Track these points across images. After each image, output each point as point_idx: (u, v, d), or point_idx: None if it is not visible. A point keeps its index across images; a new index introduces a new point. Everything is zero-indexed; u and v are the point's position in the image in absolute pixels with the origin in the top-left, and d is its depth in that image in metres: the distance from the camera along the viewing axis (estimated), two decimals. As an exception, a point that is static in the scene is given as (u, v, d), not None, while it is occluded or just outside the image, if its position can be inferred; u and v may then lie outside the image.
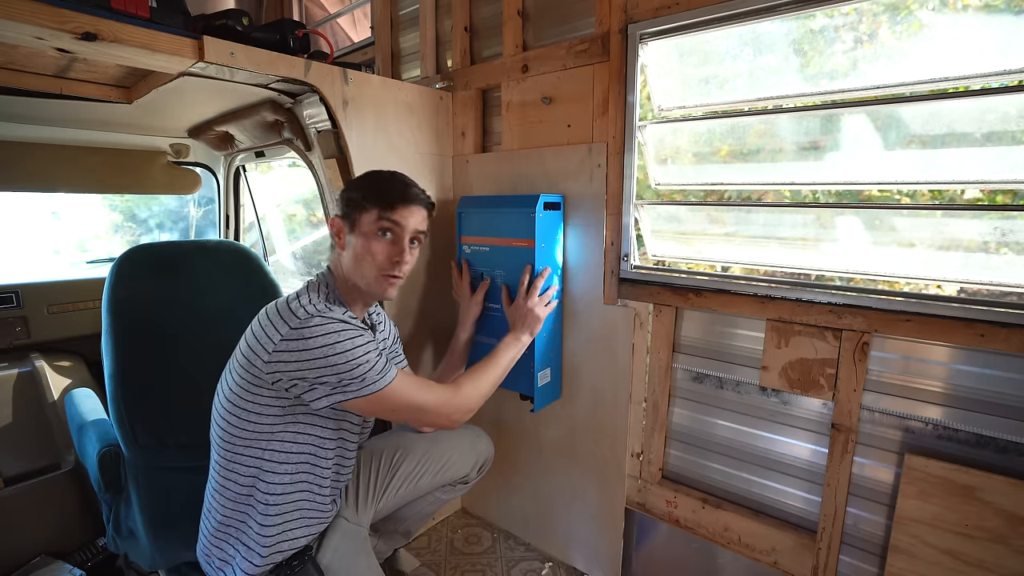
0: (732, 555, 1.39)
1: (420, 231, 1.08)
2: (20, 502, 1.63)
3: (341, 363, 0.93)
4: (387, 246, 1.04)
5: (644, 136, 1.40)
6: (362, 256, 1.03)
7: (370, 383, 0.96)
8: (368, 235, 1.03)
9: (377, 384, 0.97)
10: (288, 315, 0.95)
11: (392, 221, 1.03)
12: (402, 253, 1.04)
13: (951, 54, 1.00)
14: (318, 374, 0.93)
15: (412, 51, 1.95)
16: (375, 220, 1.03)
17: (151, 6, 1.07)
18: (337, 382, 0.94)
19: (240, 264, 1.60)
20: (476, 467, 1.44)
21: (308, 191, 3.22)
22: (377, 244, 1.03)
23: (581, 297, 1.54)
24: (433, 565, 1.71)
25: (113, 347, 1.32)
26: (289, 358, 0.93)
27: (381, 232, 1.04)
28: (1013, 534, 0.97)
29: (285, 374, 0.94)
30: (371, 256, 1.03)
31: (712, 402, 1.40)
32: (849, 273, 1.21)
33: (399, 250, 1.04)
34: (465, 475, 1.41)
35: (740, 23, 1.20)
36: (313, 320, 0.94)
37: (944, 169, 1.05)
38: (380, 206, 1.03)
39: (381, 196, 1.04)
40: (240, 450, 1.01)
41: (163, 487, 1.29)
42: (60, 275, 2.09)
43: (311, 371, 0.93)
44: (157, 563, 1.27)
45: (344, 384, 0.95)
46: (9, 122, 1.78)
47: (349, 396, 0.96)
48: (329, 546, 1.11)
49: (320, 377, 0.94)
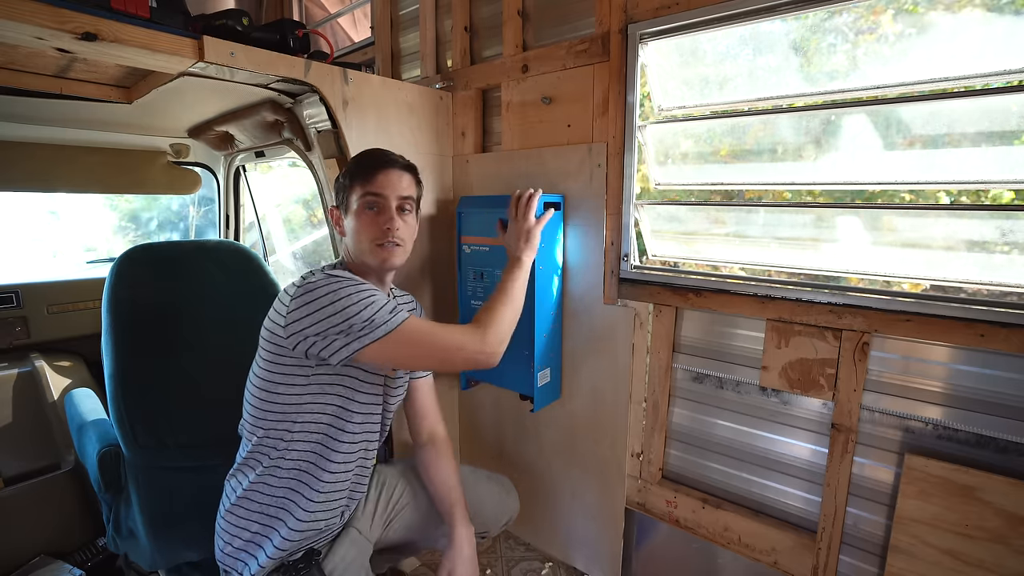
0: (732, 555, 1.39)
1: (406, 196, 1.10)
2: (20, 502, 1.63)
3: (349, 306, 0.95)
4: (374, 217, 1.07)
5: (644, 136, 1.40)
6: (357, 233, 1.07)
7: (381, 323, 0.96)
8: (357, 212, 1.07)
9: (389, 324, 0.96)
10: (298, 283, 1.00)
11: (373, 193, 1.06)
12: (391, 220, 1.06)
13: (951, 54, 1.00)
14: (329, 324, 0.94)
15: (412, 51, 1.95)
16: (360, 196, 1.07)
17: (151, 6, 1.07)
18: (348, 327, 0.94)
19: (240, 264, 1.61)
20: (500, 523, 1.37)
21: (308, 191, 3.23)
22: (365, 217, 1.07)
23: (581, 297, 1.54)
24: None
25: (113, 347, 1.32)
26: (301, 315, 0.95)
27: (368, 207, 1.07)
28: (1013, 534, 0.97)
29: (302, 334, 0.96)
30: (364, 231, 1.06)
31: (712, 402, 1.40)
32: (849, 273, 1.21)
33: (387, 218, 1.06)
34: (486, 530, 1.34)
35: (740, 23, 1.20)
36: (316, 276, 0.98)
37: (944, 169, 1.05)
38: (361, 180, 1.07)
39: (360, 171, 1.08)
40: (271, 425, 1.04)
41: (163, 487, 1.29)
42: (60, 275, 2.09)
43: (323, 322, 0.94)
44: (157, 563, 1.27)
45: (357, 329, 0.95)
46: (9, 122, 1.78)
47: (365, 342, 0.95)
48: (337, 553, 1.10)
49: (332, 327, 0.94)
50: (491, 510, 1.33)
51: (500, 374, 1.59)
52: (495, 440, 1.85)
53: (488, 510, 1.32)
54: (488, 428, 1.86)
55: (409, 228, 1.11)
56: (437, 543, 1.28)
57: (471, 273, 1.59)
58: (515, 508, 1.40)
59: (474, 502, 1.26)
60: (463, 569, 1.14)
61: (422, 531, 1.28)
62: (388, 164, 1.08)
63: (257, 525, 1.06)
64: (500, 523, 1.37)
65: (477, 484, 1.33)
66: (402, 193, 1.08)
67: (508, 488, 1.40)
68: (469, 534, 1.18)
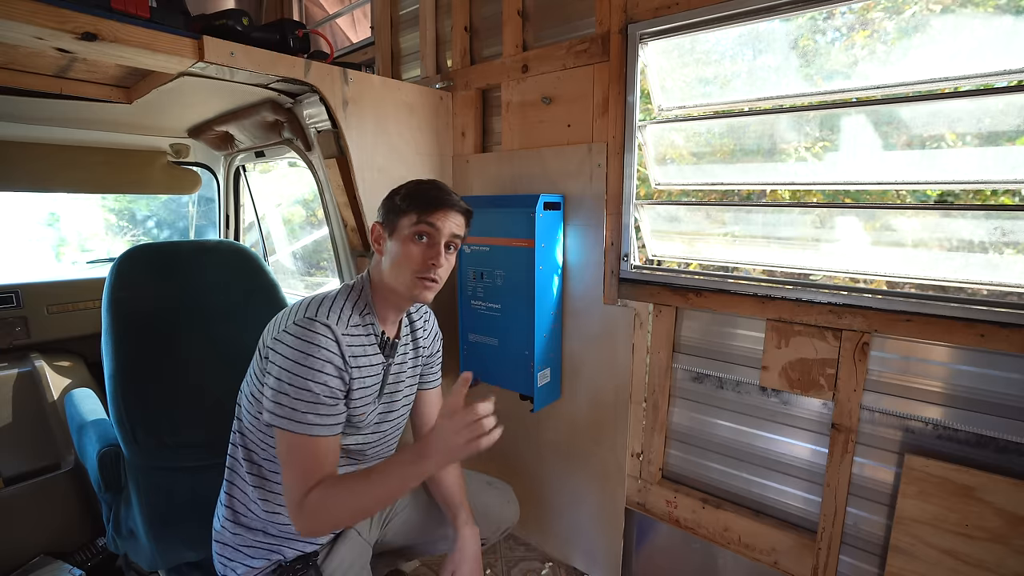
0: (732, 555, 1.39)
1: (456, 235, 1.08)
2: (20, 502, 1.63)
3: (297, 382, 0.92)
4: (423, 249, 1.05)
5: (644, 136, 1.40)
6: (399, 259, 1.05)
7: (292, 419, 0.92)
8: (406, 239, 1.05)
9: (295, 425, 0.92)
10: (302, 310, 0.99)
11: (428, 224, 1.04)
12: (438, 256, 1.04)
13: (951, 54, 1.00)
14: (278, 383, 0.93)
15: (412, 51, 1.95)
16: (413, 224, 1.04)
17: (151, 6, 1.07)
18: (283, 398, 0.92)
19: (240, 264, 1.60)
20: (499, 532, 1.36)
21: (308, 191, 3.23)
22: (414, 247, 1.04)
23: (581, 297, 1.54)
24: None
25: (113, 347, 1.32)
26: (278, 350, 0.95)
27: (418, 236, 1.05)
28: (1013, 534, 0.97)
29: (270, 364, 0.95)
30: (408, 259, 1.04)
31: (712, 402, 1.40)
32: (849, 273, 1.21)
33: (435, 252, 1.04)
34: (484, 538, 1.30)
35: (740, 23, 1.20)
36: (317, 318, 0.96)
37: (944, 169, 1.05)
38: (418, 210, 1.04)
39: (420, 200, 1.05)
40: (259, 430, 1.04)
41: (163, 487, 1.29)
42: (60, 275, 2.09)
43: (278, 378, 0.93)
44: (157, 563, 1.27)
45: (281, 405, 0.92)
46: (9, 122, 1.78)
47: (275, 422, 0.93)
48: (336, 555, 1.10)
49: (277, 389, 0.93)
50: (491, 519, 1.32)
51: (500, 374, 1.59)
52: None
53: (488, 519, 1.31)
54: (488, 428, 1.86)
55: (448, 268, 1.09)
56: (436, 547, 1.28)
57: (471, 273, 1.59)
58: (515, 517, 1.39)
59: (476, 510, 1.25)
60: (467, 568, 1.13)
61: (422, 533, 1.28)
62: (451, 205, 1.06)
63: (250, 529, 1.06)
64: (499, 531, 1.36)
65: (479, 492, 1.33)
66: (454, 232, 1.07)
67: (509, 497, 1.39)
68: (474, 535, 1.17)
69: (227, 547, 1.07)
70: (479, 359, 1.63)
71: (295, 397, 0.92)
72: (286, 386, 0.93)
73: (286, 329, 0.96)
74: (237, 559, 1.06)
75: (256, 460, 1.06)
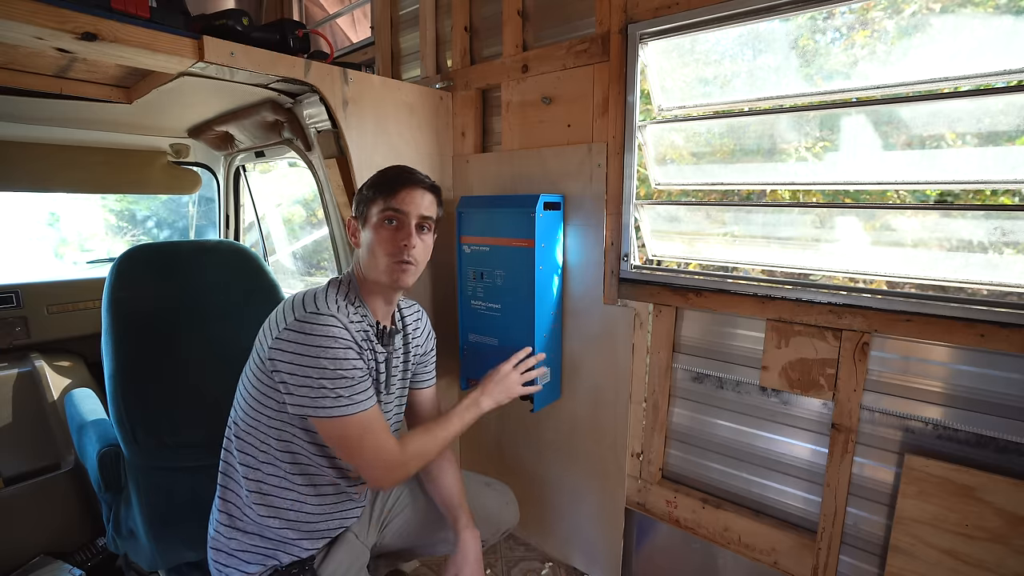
0: (732, 555, 1.39)
1: (426, 216, 1.08)
2: (20, 502, 1.63)
3: (327, 370, 0.93)
4: (393, 232, 1.05)
5: (644, 136, 1.40)
6: (373, 246, 1.05)
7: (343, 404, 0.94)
8: (376, 226, 1.06)
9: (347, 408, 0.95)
10: (299, 306, 0.98)
11: (394, 209, 1.05)
12: (408, 237, 1.05)
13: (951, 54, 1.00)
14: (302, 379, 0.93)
15: (412, 51, 1.95)
16: (381, 210, 1.05)
17: (151, 6, 1.07)
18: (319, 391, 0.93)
19: (240, 264, 1.60)
20: (498, 533, 1.36)
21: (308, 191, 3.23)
22: (384, 232, 1.05)
23: (581, 297, 1.54)
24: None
25: (113, 347, 1.32)
26: (285, 349, 0.94)
27: (387, 221, 1.05)
28: (1013, 534, 0.97)
29: (279, 369, 0.94)
30: (380, 244, 1.05)
31: (712, 402, 1.40)
32: (849, 273, 1.21)
33: (405, 234, 1.05)
34: (484, 540, 1.31)
35: (740, 23, 1.20)
36: (321, 310, 0.96)
37: (944, 169, 1.05)
38: (384, 195, 1.05)
39: (384, 185, 1.06)
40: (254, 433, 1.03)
41: (163, 487, 1.29)
42: (60, 275, 2.09)
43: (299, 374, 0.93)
44: (157, 563, 1.27)
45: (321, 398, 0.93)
46: (9, 122, 1.78)
47: (320, 414, 0.94)
48: (333, 559, 1.09)
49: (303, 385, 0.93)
50: (491, 520, 1.31)
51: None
52: (495, 440, 1.85)
53: (488, 520, 1.30)
54: (488, 428, 1.86)
55: (424, 248, 1.09)
56: (436, 549, 1.28)
57: (471, 273, 1.59)
58: (514, 518, 1.38)
59: (475, 512, 1.25)
60: (469, 572, 1.13)
61: (421, 535, 1.27)
62: (413, 182, 1.07)
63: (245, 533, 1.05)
64: (499, 533, 1.36)
65: (478, 494, 1.32)
66: (423, 212, 1.07)
67: (508, 498, 1.38)
68: (475, 537, 1.17)
69: (222, 552, 1.06)
70: (479, 359, 1.63)
71: (333, 387, 0.93)
72: (320, 380, 0.93)
73: (289, 327, 0.95)
74: (232, 564, 1.04)
75: (252, 464, 1.04)
